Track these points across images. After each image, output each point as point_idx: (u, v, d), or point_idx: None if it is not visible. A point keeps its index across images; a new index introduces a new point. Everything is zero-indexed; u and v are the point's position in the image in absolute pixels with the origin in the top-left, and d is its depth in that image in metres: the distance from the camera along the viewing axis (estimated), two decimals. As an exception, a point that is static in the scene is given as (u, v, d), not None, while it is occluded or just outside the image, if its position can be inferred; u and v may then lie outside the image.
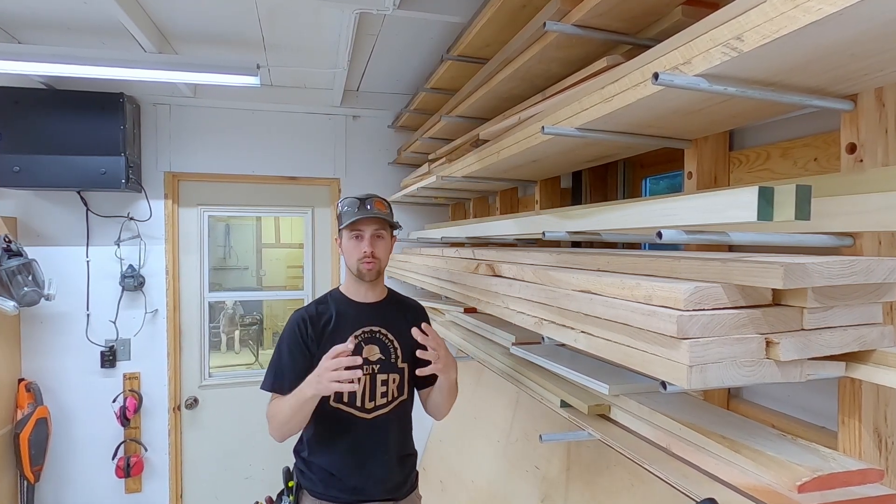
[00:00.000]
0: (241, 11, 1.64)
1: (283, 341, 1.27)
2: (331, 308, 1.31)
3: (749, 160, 0.97)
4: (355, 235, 1.27)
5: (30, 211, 2.20)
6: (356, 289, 1.34)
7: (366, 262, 1.27)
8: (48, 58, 1.61)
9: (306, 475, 1.29)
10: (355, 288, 1.34)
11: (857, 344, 0.68)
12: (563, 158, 1.28)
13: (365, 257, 1.27)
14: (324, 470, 1.26)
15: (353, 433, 1.25)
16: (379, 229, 1.29)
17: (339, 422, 1.25)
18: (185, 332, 2.43)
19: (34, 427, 2.08)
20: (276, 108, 2.45)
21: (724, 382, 0.64)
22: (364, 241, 1.27)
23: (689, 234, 0.67)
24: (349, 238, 1.28)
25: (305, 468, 1.30)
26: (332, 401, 1.25)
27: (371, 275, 1.29)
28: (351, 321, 1.29)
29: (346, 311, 1.31)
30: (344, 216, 1.28)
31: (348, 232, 1.28)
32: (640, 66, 0.77)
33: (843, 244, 0.72)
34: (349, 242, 1.28)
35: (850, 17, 0.52)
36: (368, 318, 1.31)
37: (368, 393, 1.26)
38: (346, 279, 1.37)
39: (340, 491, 1.25)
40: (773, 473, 0.68)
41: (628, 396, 0.96)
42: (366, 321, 1.30)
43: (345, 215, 1.28)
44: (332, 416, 1.25)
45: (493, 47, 1.41)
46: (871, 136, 0.72)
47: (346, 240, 1.29)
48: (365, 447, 1.26)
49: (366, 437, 1.26)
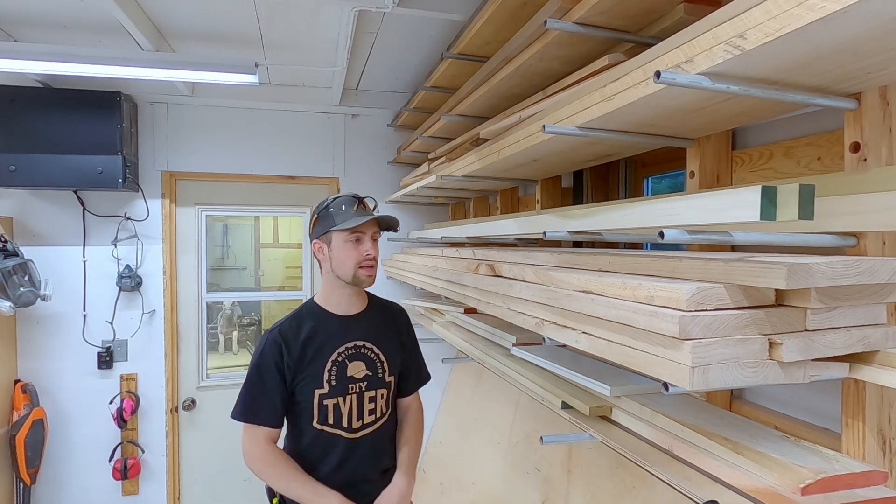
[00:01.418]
0: (239, 9, 1.63)
1: (256, 367, 1.18)
2: (308, 324, 1.20)
3: (752, 159, 0.97)
4: (354, 238, 1.18)
5: (26, 210, 2.19)
6: (338, 300, 1.23)
7: (367, 268, 1.18)
8: (45, 56, 1.60)
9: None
10: (337, 299, 1.23)
11: (860, 345, 0.68)
12: (564, 157, 1.27)
13: (366, 260, 1.18)
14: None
15: (339, 454, 1.20)
16: (376, 231, 1.22)
17: (325, 442, 1.20)
18: (182, 333, 2.42)
19: (30, 429, 2.07)
20: (274, 107, 2.44)
21: (726, 384, 0.64)
22: (365, 243, 1.18)
23: (692, 234, 0.66)
24: (345, 241, 1.17)
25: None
26: (316, 422, 1.18)
27: (370, 281, 1.20)
28: (332, 338, 1.20)
29: (326, 328, 1.20)
30: (336, 217, 1.17)
31: (345, 234, 1.17)
32: (642, 65, 0.77)
33: (847, 244, 0.72)
34: (345, 246, 1.17)
35: (854, 15, 0.52)
36: (352, 334, 1.22)
37: (356, 412, 1.20)
38: (324, 289, 1.25)
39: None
40: (776, 475, 0.67)
41: (630, 398, 0.96)
42: (349, 337, 1.22)
43: (338, 216, 1.17)
44: (318, 437, 1.20)
45: (494, 45, 1.40)
46: (875, 135, 0.71)
47: (339, 243, 1.18)
48: (350, 467, 1.20)
49: (351, 457, 1.20)
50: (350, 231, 1.17)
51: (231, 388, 2.49)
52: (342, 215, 1.18)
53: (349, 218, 1.17)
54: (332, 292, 1.24)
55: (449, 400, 2.58)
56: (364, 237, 1.19)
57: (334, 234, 1.18)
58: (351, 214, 1.18)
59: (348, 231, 1.17)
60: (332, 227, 1.18)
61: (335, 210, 1.19)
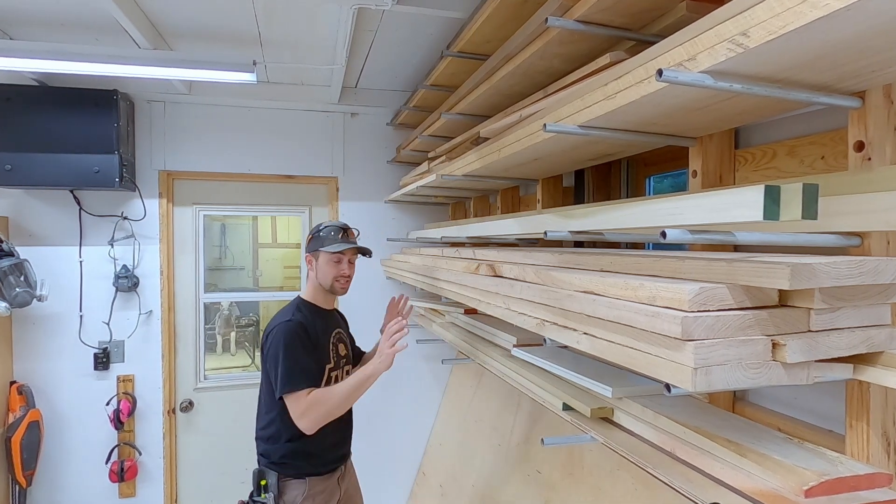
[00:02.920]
0: (237, 7, 1.62)
1: (293, 345, 1.43)
2: (310, 315, 1.54)
3: (755, 158, 0.96)
4: (336, 259, 1.53)
5: (22, 210, 2.17)
6: (324, 298, 1.60)
7: (342, 283, 1.55)
8: (41, 54, 1.59)
9: (289, 464, 1.48)
10: (323, 297, 1.60)
11: (865, 346, 0.68)
12: (565, 157, 1.27)
13: (342, 277, 1.54)
14: (307, 453, 1.48)
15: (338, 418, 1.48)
16: (354, 255, 1.58)
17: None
18: (179, 334, 2.40)
19: (26, 430, 2.05)
20: (272, 106, 2.42)
21: (729, 385, 0.63)
22: (343, 263, 1.55)
23: (694, 234, 0.66)
24: (329, 260, 1.53)
25: (290, 458, 1.47)
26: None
27: (343, 292, 1.57)
28: (324, 327, 1.56)
29: (320, 317, 1.57)
30: (325, 241, 1.53)
31: (329, 255, 1.53)
32: (644, 63, 0.76)
33: (851, 244, 0.72)
34: (328, 263, 1.54)
35: (859, 13, 0.51)
36: (335, 323, 1.63)
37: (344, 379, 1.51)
38: (309, 289, 1.60)
39: (324, 465, 1.52)
40: (779, 478, 0.67)
41: (632, 399, 0.95)
42: (333, 326, 1.61)
43: (326, 240, 1.53)
44: None
45: (494, 43, 1.40)
46: (880, 133, 0.71)
47: (324, 260, 1.54)
48: (339, 427, 1.53)
49: (340, 419, 1.48)
50: (333, 253, 1.53)
51: (229, 389, 2.48)
52: (330, 240, 1.53)
53: (335, 242, 1.52)
54: (316, 293, 1.60)
55: (449, 401, 2.57)
56: (344, 259, 1.55)
57: (322, 252, 1.54)
58: (337, 240, 1.53)
59: (332, 253, 1.53)
60: (320, 247, 1.54)
61: (325, 234, 1.55)
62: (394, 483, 2.61)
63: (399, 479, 2.61)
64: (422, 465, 2.62)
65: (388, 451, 2.59)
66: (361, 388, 1.41)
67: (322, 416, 1.39)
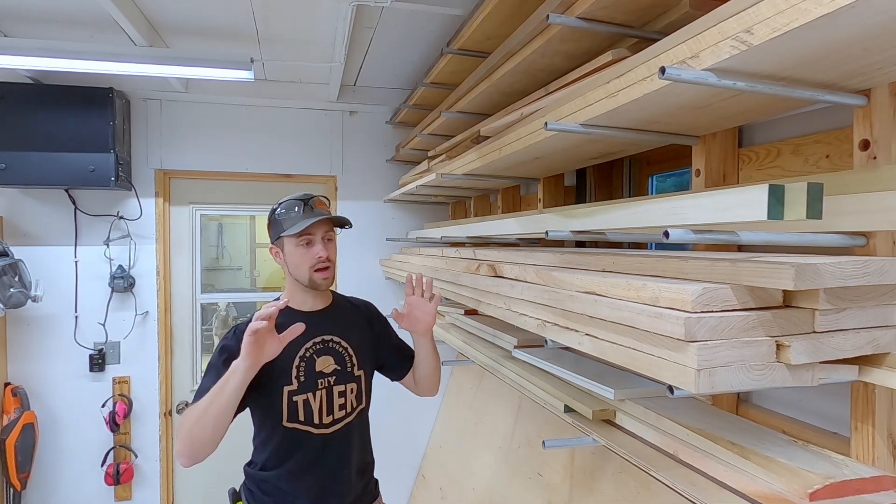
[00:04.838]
0: (234, 3, 1.61)
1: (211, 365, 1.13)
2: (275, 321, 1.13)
3: (759, 157, 0.96)
4: (304, 242, 1.16)
5: (16, 209, 2.15)
6: (303, 298, 1.22)
7: (321, 270, 1.16)
8: (35, 51, 1.57)
9: (256, 496, 1.20)
10: (302, 297, 1.22)
11: (870, 347, 0.67)
12: (566, 155, 1.26)
13: (319, 262, 1.16)
14: (279, 489, 1.17)
15: (311, 451, 1.17)
16: (329, 231, 1.19)
17: (296, 441, 1.16)
18: (176, 335, 2.39)
19: (20, 433, 2.04)
20: (270, 104, 2.41)
21: (732, 386, 0.63)
22: (315, 245, 1.16)
23: (697, 234, 0.65)
24: (295, 246, 1.16)
25: (256, 488, 1.20)
26: (286, 420, 1.15)
27: (327, 283, 1.19)
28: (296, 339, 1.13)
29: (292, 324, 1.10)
30: (285, 222, 1.16)
31: (294, 239, 1.15)
32: (647, 61, 0.76)
33: (856, 244, 0.71)
34: (296, 251, 1.16)
35: (864, 10, 0.51)
36: (319, 328, 1.20)
37: (325, 407, 1.17)
38: (287, 290, 1.24)
39: None
40: (783, 481, 0.66)
41: (634, 401, 0.95)
42: (316, 331, 1.19)
43: (286, 221, 1.16)
44: (288, 435, 1.16)
45: (495, 41, 1.39)
46: (886, 132, 0.70)
47: (290, 248, 1.17)
48: (323, 465, 1.18)
49: (324, 455, 1.18)
50: (298, 235, 1.15)
51: (226, 389, 2.46)
52: (290, 220, 1.16)
53: (297, 221, 1.15)
54: (295, 292, 1.23)
55: (449, 403, 2.56)
56: (314, 238, 1.17)
57: (286, 239, 1.17)
58: (299, 217, 1.16)
59: (296, 235, 1.15)
60: (281, 232, 1.17)
61: (282, 215, 1.18)
62: (393, 486, 2.58)
63: (399, 482, 2.59)
64: (421, 467, 2.61)
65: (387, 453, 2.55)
66: (223, 391, 1.01)
67: (185, 438, 1.03)
